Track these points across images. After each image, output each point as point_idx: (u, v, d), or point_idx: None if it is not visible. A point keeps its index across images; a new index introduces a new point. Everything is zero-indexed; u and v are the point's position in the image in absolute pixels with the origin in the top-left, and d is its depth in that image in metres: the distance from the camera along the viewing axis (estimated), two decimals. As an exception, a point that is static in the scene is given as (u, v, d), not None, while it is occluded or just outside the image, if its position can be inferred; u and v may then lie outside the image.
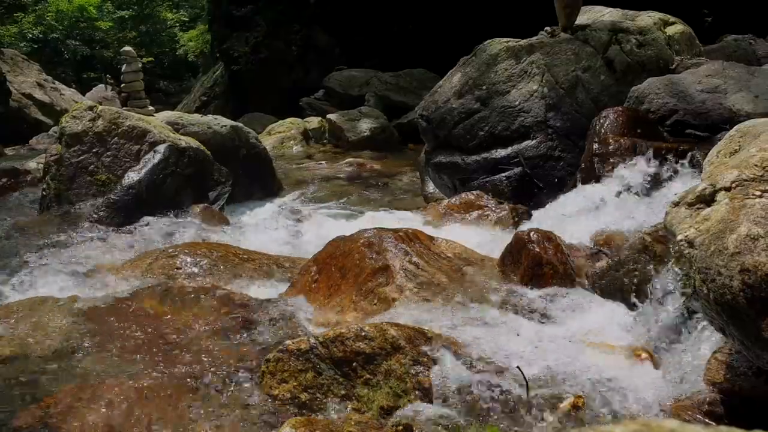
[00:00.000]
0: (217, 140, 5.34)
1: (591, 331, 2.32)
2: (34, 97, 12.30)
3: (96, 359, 2.31)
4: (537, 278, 2.65)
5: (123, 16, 22.55)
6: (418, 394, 1.91)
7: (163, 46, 22.88)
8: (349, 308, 2.61)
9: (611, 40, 4.66)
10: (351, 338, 2.01)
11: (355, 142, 8.32)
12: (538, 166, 4.35)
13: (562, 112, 4.41)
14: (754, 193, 1.68)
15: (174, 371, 2.21)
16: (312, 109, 10.46)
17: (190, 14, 23.16)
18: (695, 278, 1.71)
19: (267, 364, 2.05)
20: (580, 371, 2.04)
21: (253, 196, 5.36)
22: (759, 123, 1.98)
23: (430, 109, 4.99)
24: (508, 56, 4.72)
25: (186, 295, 2.77)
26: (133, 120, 4.83)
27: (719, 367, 1.93)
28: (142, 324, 2.55)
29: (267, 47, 12.63)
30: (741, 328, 1.64)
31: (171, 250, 3.38)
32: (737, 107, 3.56)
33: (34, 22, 19.67)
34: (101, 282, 3.18)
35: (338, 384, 1.96)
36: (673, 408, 1.88)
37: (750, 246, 1.57)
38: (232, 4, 12.96)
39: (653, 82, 3.98)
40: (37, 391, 2.12)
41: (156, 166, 4.34)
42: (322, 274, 2.84)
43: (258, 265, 3.28)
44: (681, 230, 1.78)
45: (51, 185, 4.63)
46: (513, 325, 2.34)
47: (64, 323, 2.58)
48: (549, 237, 2.77)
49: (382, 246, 2.78)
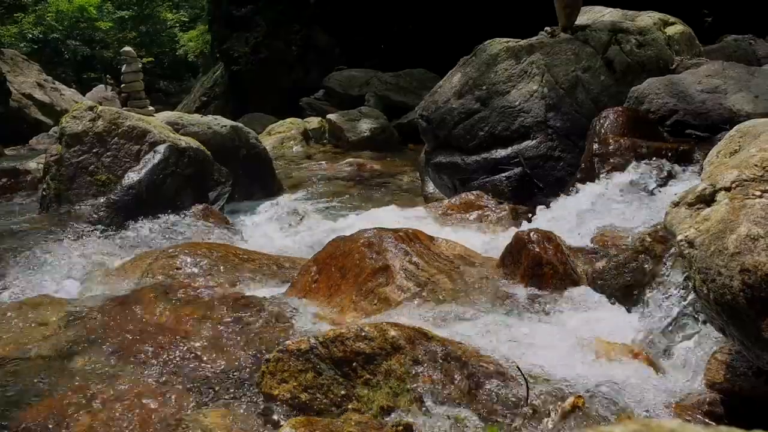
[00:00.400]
0: (217, 140, 5.35)
1: (591, 331, 2.32)
2: (34, 97, 12.30)
3: (95, 359, 2.31)
4: (537, 278, 2.65)
5: (123, 16, 22.57)
6: (418, 395, 1.91)
7: (163, 46, 22.89)
8: (349, 308, 2.61)
9: (611, 41, 4.66)
10: (351, 338, 2.01)
11: (355, 142, 8.33)
12: (538, 167, 4.36)
13: (562, 113, 4.41)
14: (754, 193, 1.68)
15: (174, 371, 2.21)
16: (312, 109, 10.47)
17: (190, 14, 23.16)
18: (695, 278, 1.71)
19: (267, 364, 2.05)
20: (581, 371, 2.04)
21: (253, 197, 5.37)
22: (759, 123, 1.98)
23: (430, 109, 4.99)
24: (508, 56, 4.73)
25: (186, 296, 2.77)
26: (133, 120, 4.83)
27: (719, 368, 1.94)
28: (142, 324, 2.55)
29: (267, 47, 12.63)
30: (741, 328, 1.64)
31: (171, 251, 3.38)
32: (737, 107, 3.56)
33: (34, 23, 19.68)
34: (101, 282, 3.18)
35: (338, 384, 1.96)
36: (673, 408, 1.88)
37: (750, 246, 1.57)
38: (232, 5, 12.96)
39: (653, 82, 3.98)
40: (36, 392, 2.12)
41: (156, 167, 4.34)
42: (322, 274, 2.84)
43: (258, 266, 3.28)
44: (681, 230, 1.78)
45: (51, 185, 4.63)
46: (513, 325, 2.34)
47: (63, 323, 2.58)
48: (549, 237, 2.77)
49: (382, 246, 2.78)
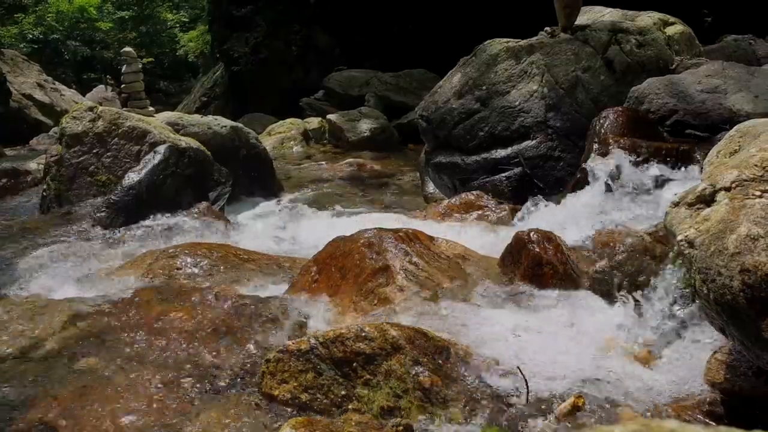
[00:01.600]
0: (218, 141, 5.35)
1: (591, 331, 2.32)
2: (34, 97, 12.30)
3: (95, 360, 2.31)
4: (537, 278, 2.65)
5: (123, 16, 22.57)
6: (418, 395, 1.91)
7: (164, 46, 22.89)
8: (349, 308, 2.61)
9: (611, 41, 4.66)
10: (351, 338, 2.01)
11: (355, 143, 8.33)
12: (538, 167, 4.36)
13: (562, 113, 4.42)
14: (754, 193, 1.68)
15: (173, 371, 2.21)
16: (312, 110, 10.47)
17: (190, 15, 23.16)
18: (695, 278, 1.71)
19: (267, 365, 2.05)
20: (581, 371, 2.04)
21: (253, 197, 5.37)
22: (759, 123, 1.98)
23: (430, 110, 4.99)
24: (508, 56, 4.73)
25: (186, 296, 2.77)
26: (133, 121, 4.83)
27: (719, 367, 1.94)
28: (143, 324, 2.55)
29: (267, 47, 12.64)
30: (741, 329, 1.64)
31: (171, 251, 3.38)
32: (737, 107, 3.56)
33: (35, 23, 19.68)
34: (102, 282, 3.18)
35: (338, 384, 1.96)
36: (673, 408, 1.88)
37: (750, 246, 1.57)
38: (232, 5, 12.96)
39: (653, 82, 3.98)
40: (36, 392, 2.12)
41: (156, 167, 4.34)
42: (322, 274, 2.84)
43: (258, 266, 3.28)
44: (681, 230, 1.78)
45: (51, 186, 4.64)
46: (513, 326, 2.34)
47: (63, 324, 2.58)
48: (549, 237, 2.77)
49: (382, 246, 2.78)
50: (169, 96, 20.47)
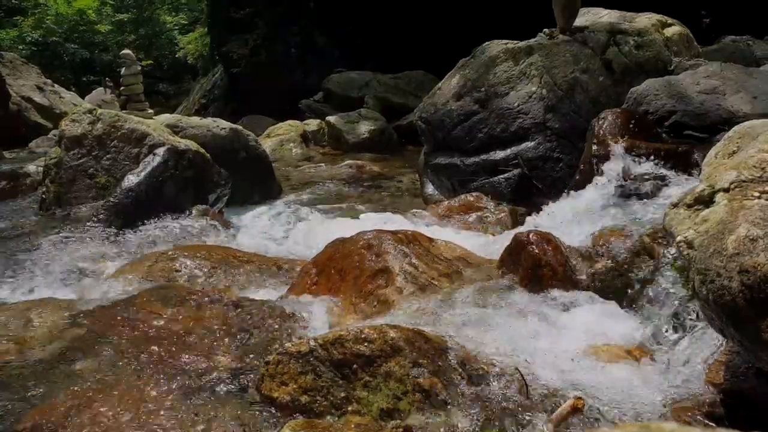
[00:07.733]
0: (217, 143, 5.34)
1: (590, 332, 2.32)
2: (33, 100, 12.28)
3: (95, 362, 2.31)
4: (536, 279, 2.65)
5: (122, 19, 22.60)
6: (417, 397, 1.91)
7: (163, 49, 22.91)
8: (348, 310, 2.61)
9: (609, 42, 4.66)
10: (351, 340, 2.01)
11: (355, 144, 8.33)
12: (537, 168, 4.36)
13: (560, 114, 4.42)
14: (752, 194, 1.68)
15: (173, 374, 2.21)
16: (311, 112, 10.48)
17: (189, 17, 23.19)
18: (694, 279, 1.71)
19: (266, 367, 2.05)
20: (580, 373, 2.04)
21: (252, 199, 5.37)
22: (757, 124, 1.98)
23: (429, 111, 5.00)
24: (506, 58, 4.73)
25: (185, 298, 2.77)
26: (132, 123, 4.83)
27: (719, 368, 1.94)
28: (142, 327, 2.54)
29: (266, 49, 12.65)
30: (740, 329, 1.64)
31: (171, 253, 3.38)
32: (735, 108, 3.57)
33: (34, 26, 19.70)
34: (101, 285, 3.18)
35: (338, 386, 1.96)
36: (672, 409, 1.88)
37: (749, 247, 1.57)
38: (232, 7, 12.98)
39: (652, 83, 3.99)
40: (35, 394, 2.11)
41: (155, 169, 4.34)
42: (321, 276, 2.84)
43: (257, 268, 3.28)
44: (680, 231, 1.79)
45: (50, 188, 4.63)
46: (512, 327, 2.34)
47: (63, 326, 2.58)
48: (548, 238, 2.77)
49: (382, 248, 2.78)
50: (168, 98, 20.48)
